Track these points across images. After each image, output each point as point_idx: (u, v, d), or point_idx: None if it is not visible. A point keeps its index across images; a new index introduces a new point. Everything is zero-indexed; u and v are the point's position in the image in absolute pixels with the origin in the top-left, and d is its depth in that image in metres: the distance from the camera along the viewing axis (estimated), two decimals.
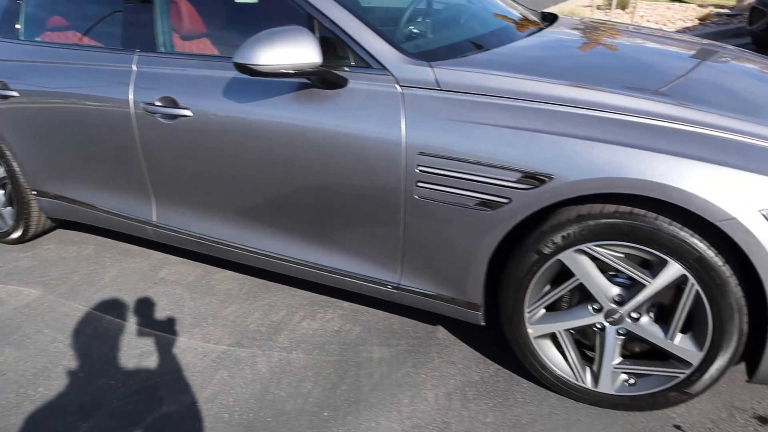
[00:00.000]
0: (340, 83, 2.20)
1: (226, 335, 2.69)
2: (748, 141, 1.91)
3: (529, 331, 2.20)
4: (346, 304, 2.85)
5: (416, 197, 2.15)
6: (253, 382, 2.41)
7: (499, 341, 2.60)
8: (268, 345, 2.61)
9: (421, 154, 2.09)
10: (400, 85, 2.14)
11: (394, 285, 2.37)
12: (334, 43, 2.29)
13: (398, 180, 2.16)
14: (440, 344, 2.59)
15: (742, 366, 2.40)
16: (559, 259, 2.04)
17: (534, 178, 1.94)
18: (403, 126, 2.11)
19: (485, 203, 2.04)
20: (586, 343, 2.27)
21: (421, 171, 2.10)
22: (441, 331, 2.67)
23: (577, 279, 2.05)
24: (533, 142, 1.95)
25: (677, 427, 2.20)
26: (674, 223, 1.87)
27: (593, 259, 2.03)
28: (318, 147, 2.25)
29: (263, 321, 2.75)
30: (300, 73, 2.11)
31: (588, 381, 2.21)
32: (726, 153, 1.84)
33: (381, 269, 2.38)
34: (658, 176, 1.82)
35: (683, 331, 2.03)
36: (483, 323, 2.32)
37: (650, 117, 1.94)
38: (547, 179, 1.93)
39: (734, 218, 1.78)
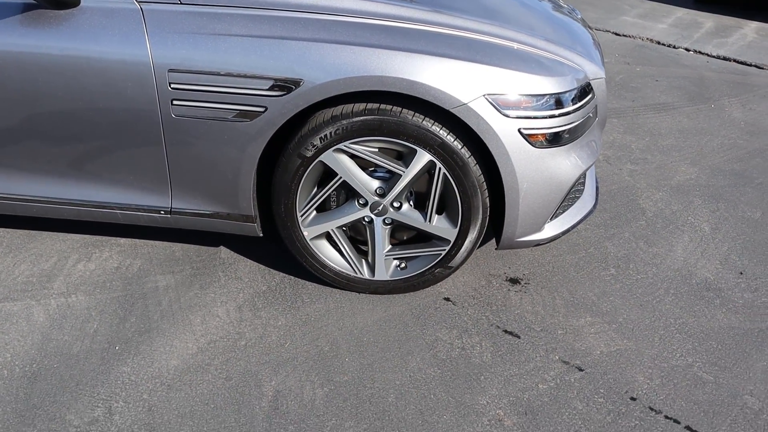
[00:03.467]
0: (70, 2, 2.03)
1: None
2: (472, 37, 2.11)
3: (305, 233, 2.30)
4: (122, 240, 2.75)
5: (174, 116, 2.10)
6: (32, 332, 2.27)
7: (282, 251, 2.69)
8: (42, 294, 2.45)
9: (172, 71, 2.03)
10: (138, 1, 2.04)
11: (167, 210, 2.33)
12: None
13: (153, 101, 2.08)
14: (225, 263, 2.62)
15: (493, 242, 2.73)
16: (321, 161, 2.13)
17: (285, 85, 1.99)
18: (147, 44, 2.02)
19: (242, 114, 2.05)
20: (359, 239, 2.43)
21: (174, 89, 2.05)
22: (224, 251, 2.69)
23: (340, 177, 2.17)
24: (280, 49, 1.98)
25: (447, 299, 2.47)
26: (417, 114, 2.04)
27: (352, 156, 2.16)
28: (59, 73, 2.08)
29: (33, 271, 2.57)
30: None
31: (365, 272, 2.38)
32: (453, 47, 2.02)
33: (151, 195, 2.31)
34: (397, 71, 1.95)
35: (439, 212, 2.24)
36: (261, 234, 2.38)
37: (386, 18, 2.06)
38: (297, 84, 1.98)
39: (464, 104, 1.98)
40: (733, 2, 8.47)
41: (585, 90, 2.23)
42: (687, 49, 6.22)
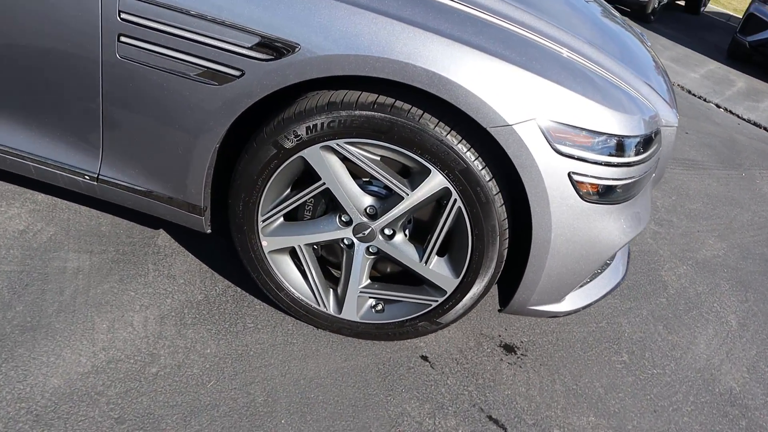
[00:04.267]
0: None
1: None
2: (537, 39, 1.59)
3: (263, 243, 1.77)
4: (40, 196, 2.18)
5: (118, 56, 1.54)
6: None
7: (233, 253, 2.15)
8: None
9: None
10: None
11: (93, 175, 1.78)
12: None
13: (94, 31, 1.53)
14: (160, 253, 2.07)
15: (492, 293, 2.23)
16: (302, 157, 1.60)
17: (275, 46, 1.45)
18: None
19: (210, 74, 1.51)
20: (330, 260, 1.91)
21: (124, 20, 1.50)
22: (163, 237, 2.14)
23: (323, 183, 1.64)
24: None
25: (424, 357, 1.96)
26: (442, 124, 1.51)
27: (344, 160, 1.63)
28: None
29: None
30: None
31: (331, 306, 1.86)
32: (509, 46, 1.50)
33: (75, 153, 1.76)
34: (431, 62, 1.42)
35: (440, 253, 1.73)
36: (208, 231, 1.84)
37: None
38: (291, 49, 1.44)
39: (509, 125, 1.46)
40: (766, 66, 8.08)
41: (651, 138, 1.72)
42: (718, 106, 5.79)
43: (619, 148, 1.59)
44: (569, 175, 1.53)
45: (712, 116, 5.39)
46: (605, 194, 1.62)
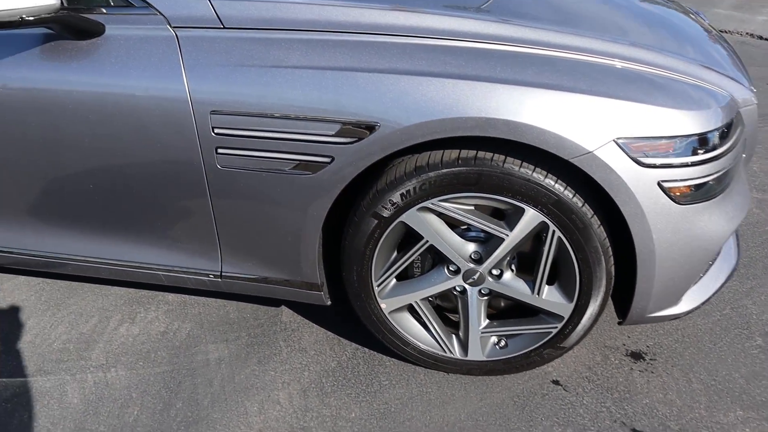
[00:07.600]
0: (94, 30, 1.68)
1: (23, 362, 2.16)
2: (590, 59, 1.63)
3: (382, 306, 1.88)
4: (171, 296, 2.39)
5: (219, 167, 1.71)
6: (63, 419, 1.93)
7: (354, 314, 2.27)
8: (78, 366, 2.12)
9: (215, 113, 1.64)
10: (173, 26, 1.66)
11: (216, 274, 1.95)
12: None
13: (194, 149, 1.70)
14: (287, 329, 2.22)
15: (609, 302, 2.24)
16: (402, 221, 1.70)
17: (356, 129, 1.57)
18: (185, 79, 1.64)
19: (303, 165, 1.64)
20: (445, 306, 1.99)
21: (218, 134, 1.66)
22: (286, 313, 2.29)
23: (426, 241, 1.73)
24: (348, 83, 1.56)
25: (556, 382, 2.00)
26: (526, 164, 1.58)
27: (440, 215, 1.72)
28: (83, 116, 1.73)
29: (71, 335, 2.24)
30: (36, 20, 1.57)
31: (456, 350, 1.94)
32: (569, 76, 1.55)
33: (197, 258, 1.94)
34: (502, 111, 1.50)
35: (549, 282, 1.78)
36: (328, 303, 1.97)
37: (479, 40, 1.61)
38: (371, 129, 1.56)
39: (590, 152, 1.51)
40: None
41: (731, 124, 1.71)
42: None
43: (702, 145, 1.60)
44: (659, 184, 1.55)
45: None
46: (699, 192, 1.63)
